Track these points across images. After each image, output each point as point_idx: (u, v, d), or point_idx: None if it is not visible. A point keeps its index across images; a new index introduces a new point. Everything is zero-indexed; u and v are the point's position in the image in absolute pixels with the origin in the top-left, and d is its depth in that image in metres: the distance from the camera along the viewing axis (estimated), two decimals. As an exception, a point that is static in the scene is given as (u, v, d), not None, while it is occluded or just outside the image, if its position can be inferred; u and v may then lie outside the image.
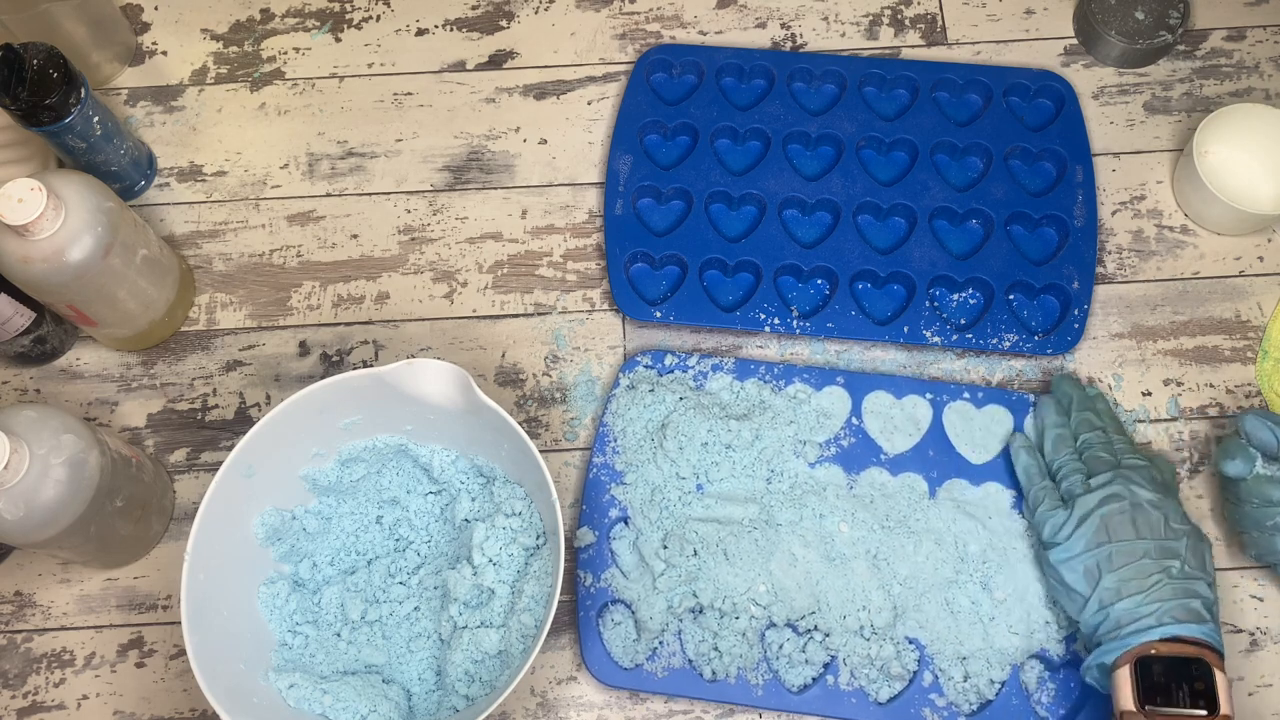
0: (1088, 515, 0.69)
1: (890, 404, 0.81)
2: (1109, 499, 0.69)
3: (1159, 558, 0.67)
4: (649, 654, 0.74)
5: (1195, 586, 0.66)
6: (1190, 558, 0.67)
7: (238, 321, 0.85)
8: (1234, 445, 0.73)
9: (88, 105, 0.78)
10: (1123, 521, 0.68)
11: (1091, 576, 0.68)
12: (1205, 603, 0.66)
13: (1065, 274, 0.84)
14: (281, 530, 0.74)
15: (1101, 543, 0.68)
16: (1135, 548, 0.67)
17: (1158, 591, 0.66)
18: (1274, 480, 0.72)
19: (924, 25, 0.94)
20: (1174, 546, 0.67)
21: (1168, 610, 0.65)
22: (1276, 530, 0.71)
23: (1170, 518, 0.69)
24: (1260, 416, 0.73)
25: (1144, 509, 0.69)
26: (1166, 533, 0.68)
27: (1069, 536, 0.69)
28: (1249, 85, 0.92)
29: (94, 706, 0.76)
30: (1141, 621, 0.65)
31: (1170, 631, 0.64)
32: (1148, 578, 0.66)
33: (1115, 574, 0.67)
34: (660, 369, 0.82)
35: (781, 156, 0.88)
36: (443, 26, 0.95)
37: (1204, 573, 0.67)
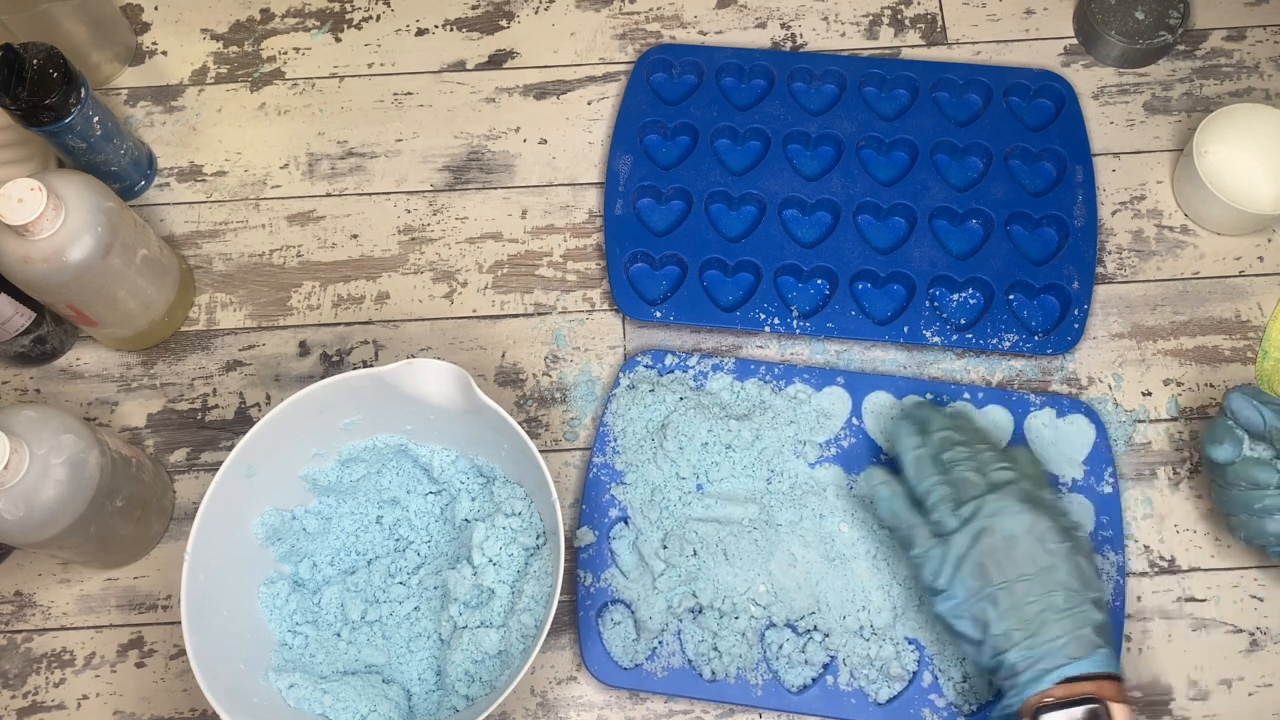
0: (963, 558, 0.66)
1: (890, 404, 0.81)
2: (980, 535, 0.66)
3: (1042, 594, 0.64)
4: (649, 654, 0.74)
5: (1083, 614, 0.64)
6: (1072, 580, 0.64)
7: (238, 321, 0.85)
8: (1220, 428, 0.71)
9: (88, 105, 0.78)
10: (998, 561, 0.65)
11: (979, 623, 0.65)
12: (1096, 627, 0.64)
13: (1065, 274, 0.84)
14: (281, 530, 0.74)
15: (983, 587, 0.65)
16: (1016, 590, 0.64)
17: (1047, 631, 0.63)
18: (1261, 462, 0.70)
19: (924, 25, 0.94)
20: (1055, 576, 0.64)
21: (1059, 650, 0.63)
22: (1265, 513, 0.69)
23: (1045, 540, 0.65)
24: (1245, 395, 0.70)
25: (1017, 540, 0.65)
26: (1044, 558, 0.65)
27: (949, 584, 0.66)
28: (1249, 85, 0.92)
29: (94, 706, 0.76)
30: (1035, 668, 0.63)
31: (1064, 674, 0.62)
32: (1035, 620, 0.63)
33: (1003, 620, 0.64)
34: (660, 369, 0.82)
35: (781, 156, 0.88)
36: (443, 26, 0.95)
37: (1089, 589, 0.65)
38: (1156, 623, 0.77)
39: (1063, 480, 0.78)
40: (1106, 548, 0.77)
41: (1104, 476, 0.78)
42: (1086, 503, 0.78)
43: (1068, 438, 0.80)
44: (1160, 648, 0.76)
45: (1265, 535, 0.70)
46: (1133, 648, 0.76)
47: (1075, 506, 0.78)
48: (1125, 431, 0.81)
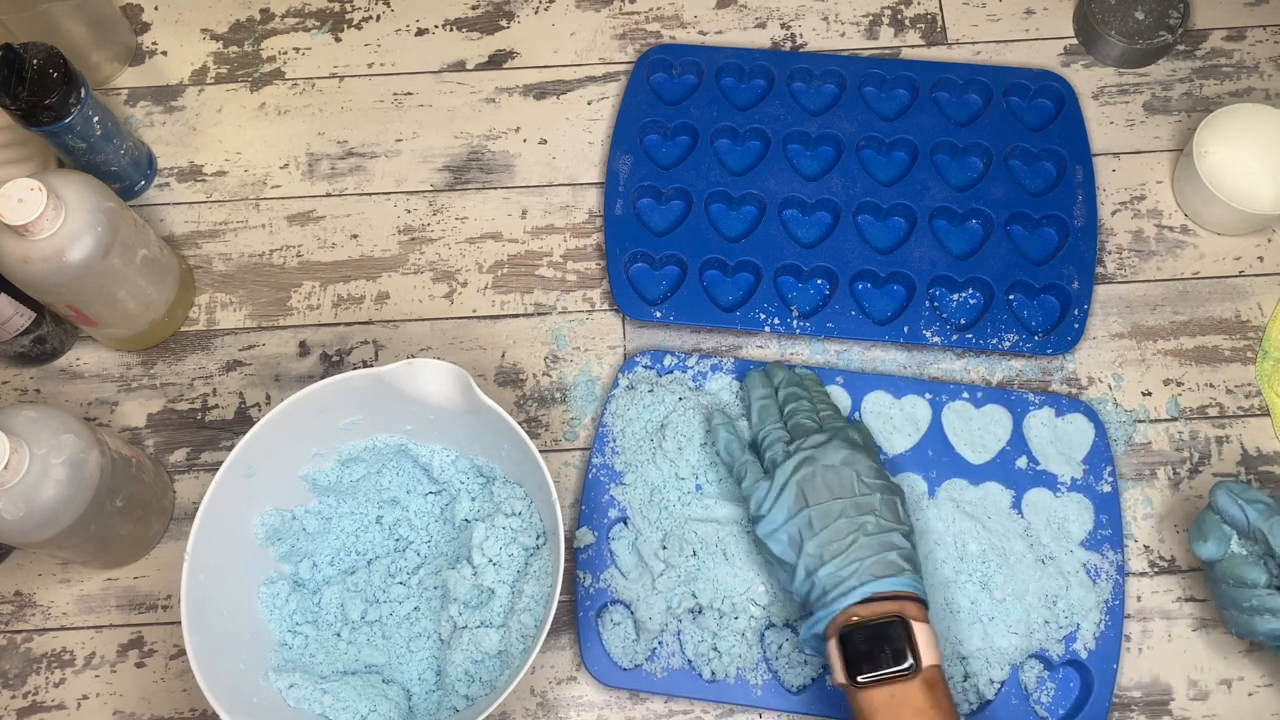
0: (785, 484, 0.69)
1: (889, 404, 0.81)
2: (803, 464, 0.69)
3: (854, 515, 0.67)
4: (648, 654, 0.74)
5: (890, 538, 0.66)
6: (884, 511, 0.67)
7: (238, 321, 0.85)
8: (1207, 523, 0.70)
9: (88, 105, 0.78)
10: (817, 485, 0.68)
11: (795, 545, 0.68)
12: (902, 553, 0.66)
13: (1065, 274, 0.84)
14: (281, 530, 0.74)
15: (801, 509, 0.68)
16: (831, 509, 0.67)
17: (856, 550, 0.65)
18: (1247, 560, 0.68)
19: (924, 25, 0.94)
20: (868, 502, 0.67)
21: (866, 568, 0.65)
22: (1255, 612, 0.68)
23: (862, 474, 0.68)
24: (1230, 492, 0.68)
25: (836, 469, 0.68)
26: (859, 489, 0.68)
27: (771, 508, 0.69)
28: (1249, 85, 0.92)
29: (94, 706, 0.76)
30: (843, 585, 0.65)
31: (870, 590, 0.64)
32: (845, 538, 0.66)
33: (815, 539, 0.67)
34: (659, 369, 0.82)
35: (781, 156, 0.88)
36: (443, 26, 0.95)
37: (899, 523, 0.67)
38: (1156, 623, 0.77)
39: (1062, 480, 0.78)
40: (1106, 547, 0.77)
41: (1103, 475, 0.78)
42: (1086, 501, 0.78)
43: (1067, 437, 0.80)
44: (1160, 648, 0.76)
45: (1256, 634, 0.68)
46: (1133, 648, 0.76)
47: (1074, 505, 0.78)
48: (1125, 431, 0.81)
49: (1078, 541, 0.77)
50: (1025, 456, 0.79)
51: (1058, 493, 0.78)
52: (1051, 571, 0.75)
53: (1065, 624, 0.74)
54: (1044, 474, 0.78)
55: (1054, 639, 0.74)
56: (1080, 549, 0.76)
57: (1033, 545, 0.76)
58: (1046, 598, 0.75)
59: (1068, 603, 0.75)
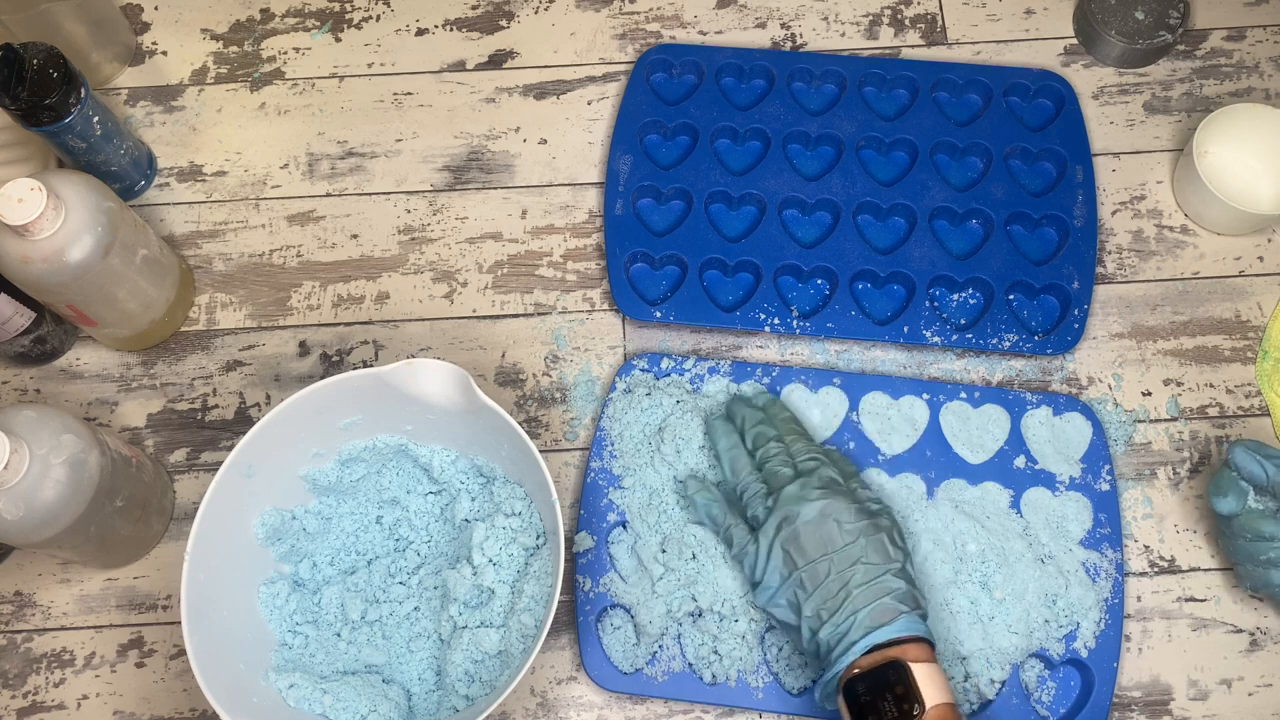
0: (771, 548, 0.68)
1: (887, 405, 0.81)
2: (782, 524, 0.68)
3: (841, 569, 0.66)
4: (649, 658, 0.74)
5: (882, 583, 0.65)
6: (870, 555, 0.66)
7: (238, 321, 0.85)
8: (1225, 479, 0.72)
9: (88, 105, 0.78)
10: (799, 546, 0.67)
11: (795, 607, 0.67)
12: (897, 595, 0.65)
13: (1065, 274, 0.84)
14: (281, 530, 0.74)
15: (791, 571, 0.67)
16: (819, 569, 0.66)
17: (850, 604, 0.65)
18: (1265, 514, 0.70)
19: (924, 25, 0.94)
20: (850, 552, 0.66)
21: (862, 621, 0.64)
22: (1271, 564, 0.70)
23: (841, 521, 0.67)
24: (1249, 449, 0.70)
25: (815, 524, 0.67)
26: (842, 538, 0.67)
27: (764, 574, 0.68)
28: (1249, 85, 0.92)
29: (94, 706, 0.76)
30: (844, 641, 0.64)
31: (869, 642, 0.64)
32: (837, 595, 0.65)
33: (810, 600, 0.66)
34: (657, 372, 0.82)
35: (781, 156, 0.88)
36: (443, 26, 0.95)
37: (888, 562, 0.66)
38: (1156, 623, 0.77)
39: (1060, 479, 0.78)
40: (1105, 545, 0.77)
41: (1101, 474, 0.78)
42: (1084, 500, 0.78)
43: (1065, 436, 0.80)
44: (1160, 648, 0.76)
45: (1271, 585, 0.71)
46: (1133, 648, 0.76)
47: (1073, 504, 0.78)
48: (1125, 431, 0.81)
49: (1077, 540, 0.77)
50: (1023, 456, 0.79)
51: (1056, 492, 0.78)
52: (1051, 571, 0.75)
53: (1065, 623, 0.74)
54: (1042, 473, 0.78)
55: (1054, 638, 0.74)
56: (1079, 548, 0.76)
57: (1032, 544, 0.76)
58: (1046, 597, 0.75)
59: (1067, 602, 0.75)
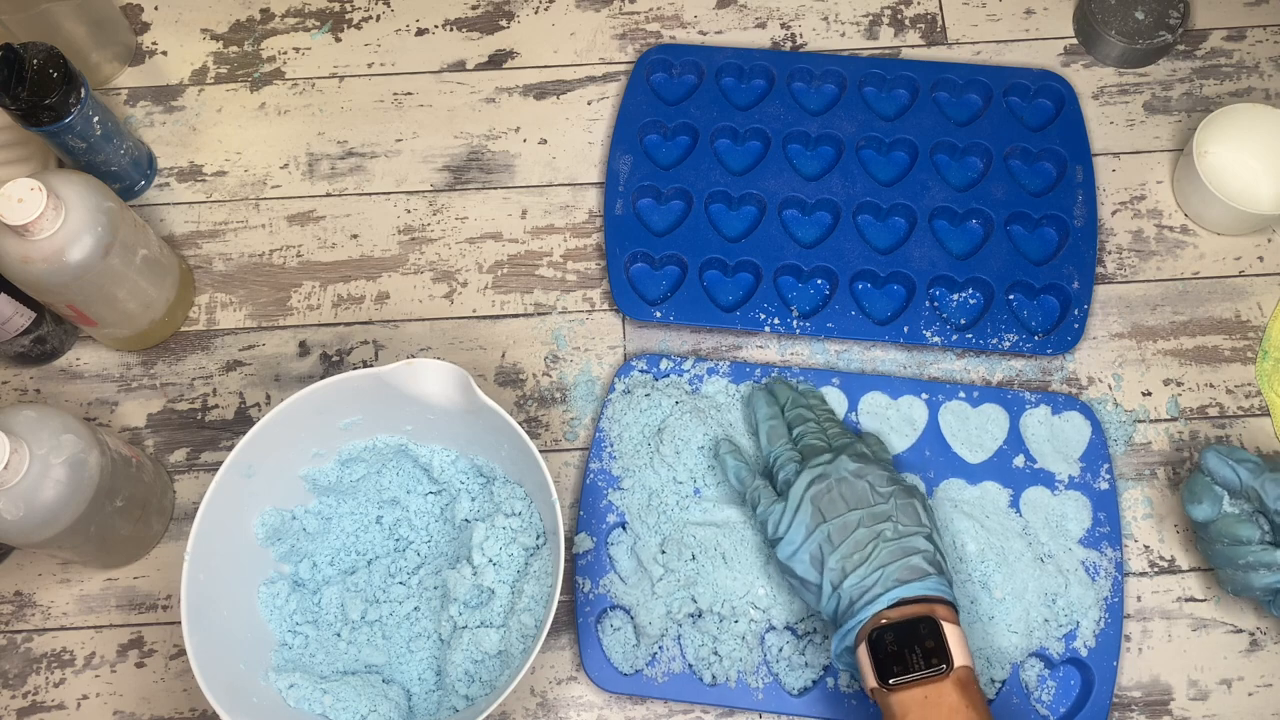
0: (800, 503, 0.69)
1: (886, 404, 0.81)
2: (815, 480, 0.69)
3: (871, 524, 0.67)
4: (649, 659, 0.74)
5: (912, 543, 0.66)
6: (901, 517, 0.67)
7: (238, 321, 0.85)
8: (1199, 485, 0.72)
9: (88, 105, 0.78)
10: (831, 499, 0.68)
11: (817, 562, 0.67)
12: (926, 556, 0.66)
13: (1065, 274, 0.84)
14: (281, 530, 0.74)
15: (818, 524, 0.67)
16: (848, 520, 0.67)
17: (877, 558, 0.65)
18: (1240, 519, 0.70)
19: (924, 25, 0.94)
20: (883, 509, 0.67)
21: (890, 574, 0.64)
22: (1250, 568, 0.70)
23: (875, 483, 0.68)
24: (1220, 454, 0.71)
25: (848, 481, 0.68)
26: (874, 498, 0.68)
27: (788, 528, 0.69)
28: (1249, 85, 0.92)
29: (94, 706, 0.76)
30: (869, 593, 0.64)
31: (896, 595, 0.64)
32: (865, 547, 0.66)
33: (836, 553, 0.66)
34: (655, 373, 0.82)
35: (781, 156, 0.88)
36: (443, 26, 0.95)
37: (919, 526, 0.67)
38: (1156, 623, 0.77)
39: (1059, 478, 0.78)
40: (1104, 544, 0.77)
41: (1100, 473, 0.78)
42: (1083, 499, 0.78)
43: (1064, 435, 0.80)
44: (1160, 648, 0.76)
45: (1252, 589, 0.70)
46: (1133, 648, 0.76)
47: (1072, 503, 0.78)
48: (1125, 431, 0.81)
49: (1076, 539, 0.77)
50: (1022, 455, 0.79)
51: (1055, 491, 0.78)
52: (1050, 570, 0.75)
53: (1065, 622, 0.74)
54: (1041, 472, 0.79)
55: (1054, 637, 0.74)
56: (1079, 546, 0.76)
57: (1031, 544, 0.76)
58: (1046, 596, 0.75)
59: (1067, 601, 0.75)
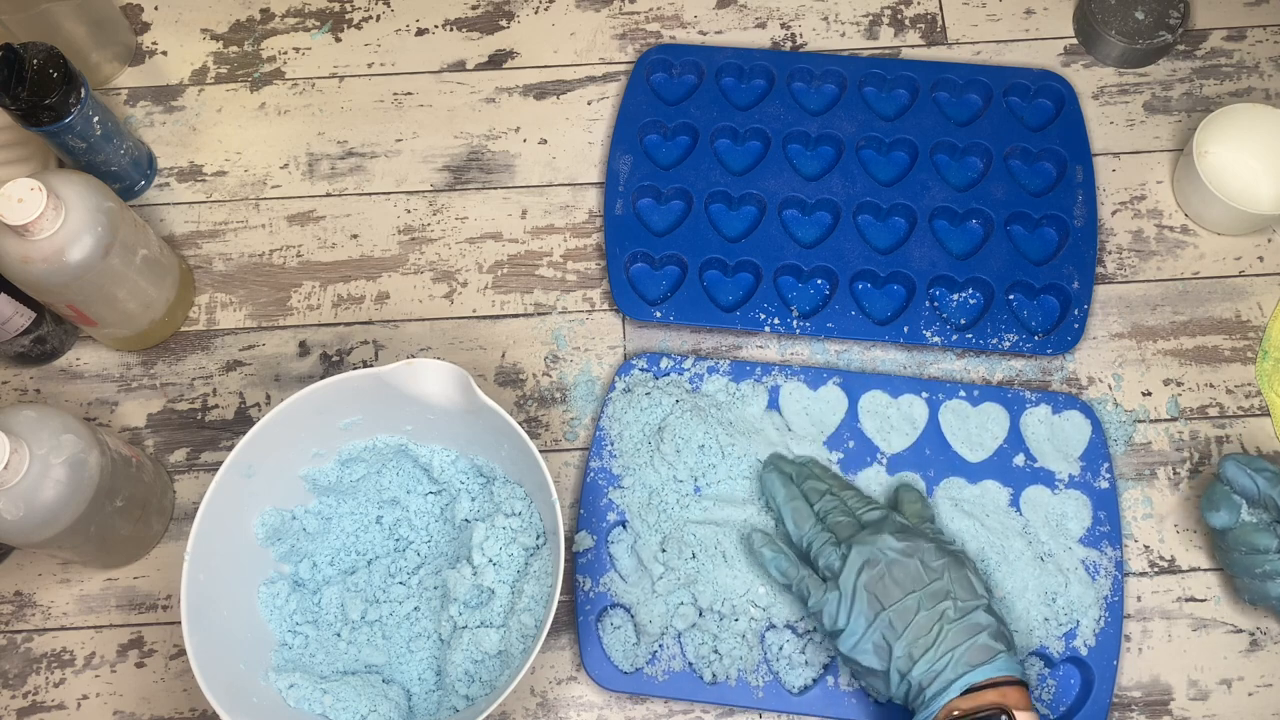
0: (854, 592, 0.67)
1: (886, 403, 0.81)
2: (864, 567, 0.67)
3: (931, 606, 0.65)
4: (649, 658, 0.74)
5: (975, 619, 0.65)
6: (959, 591, 0.66)
7: (238, 321, 0.85)
8: (1218, 493, 0.72)
9: (88, 105, 0.78)
10: (885, 585, 0.66)
11: (883, 652, 0.66)
12: (991, 632, 0.64)
13: (1065, 274, 0.84)
14: (281, 530, 0.74)
15: (878, 613, 0.66)
16: (908, 604, 0.65)
17: (944, 642, 0.64)
18: (1259, 527, 0.70)
19: (924, 25, 0.94)
20: (940, 586, 0.66)
21: (959, 659, 0.63)
22: (1267, 577, 0.70)
23: (926, 559, 0.67)
24: (1239, 463, 0.71)
25: (899, 563, 0.67)
26: (928, 576, 0.66)
27: (847, 621, 0.67)
28: (1249, 85, 0.92)
29: (94, 706, 0.76)
30: (939, 680, 0.63)
31: (967, 681, 0.63)
32: (929, 632, 0.64)
33: (901, 640, 0.65)
34: (656, 372, 0.82)
35: (781, 156, 0.88)
36: (443, 26, 0.95)
37: (977, 598, 0.66)
38: (1156, 623, 0.77)
39: (1059, 477, 0.78)
40: (1104, 543, 0.77)
41: (1100, 472, 0.78)
42: (1083, 498, 0.78)
43: (1064, 434, 0.80)
44: (1160, 648, 0.76)
45: (1269, 598, 0.71)
46: (1133, 648, 0.76)
47: (1072, 502, 0.78)
48: (1125, 432, 0.81)
49: (1076, 538, 0.77)
50: (1023, 454, 0.79)
51: (1055, 490, 0.78)
52: (1050, 569, 0.75)
53: (1065, 621, 0.74)
54: (1041, 471, 0.79)
55: (1054, 636, 0.74)
56: (1079, 545, 0.76)
57: (1031, 543, 0.76)
58: (1046, 595, 0.75)
59: (1067, 600, 0.75)
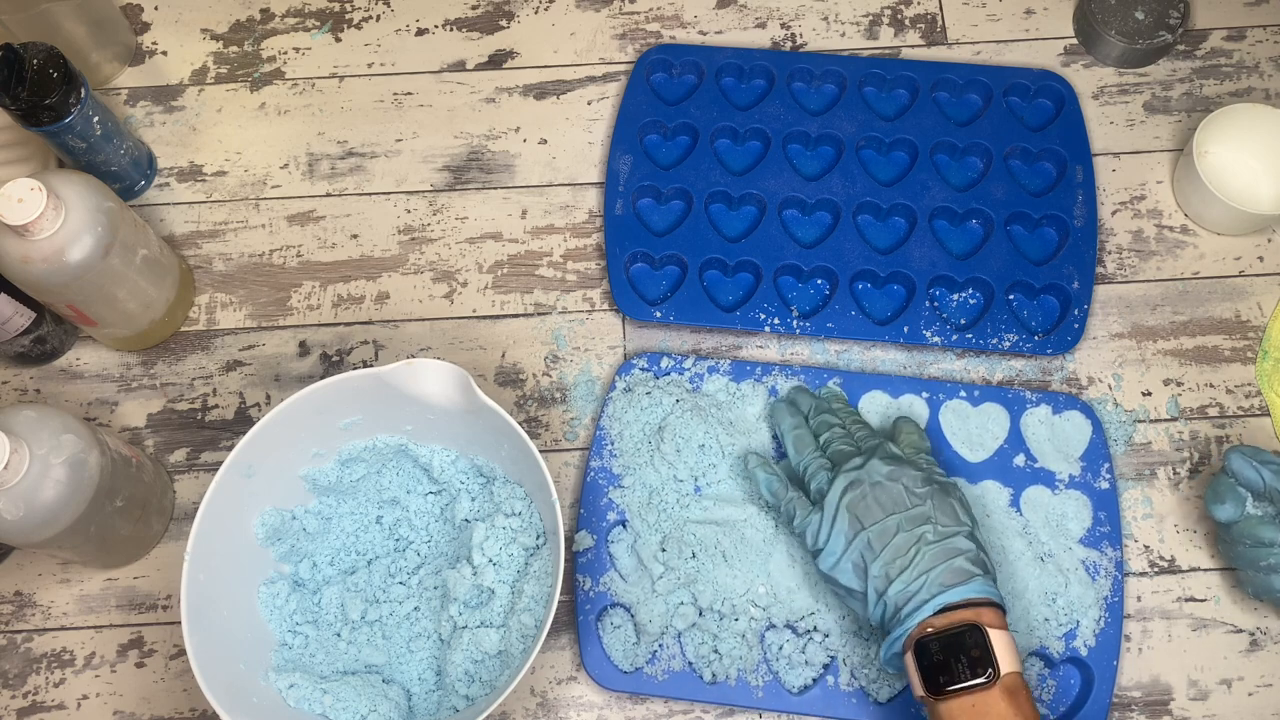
0: (836, 512, 0.68)
1: (886, 404, 0.81)
2: (849, 487, 0.68)
3: (911, 528, 0.66)
4: (649, 657, 0.74)
5: (954, 543, 0.65)
6: (941, 517, 0.66)
7: (238, 321, 0.85)
8: (1223, 486, 0.72)
9: (88, 105, 0.78)
10: (867, 505, 0.67)
11: (860, 571, 0.67)
12: (969, 556, 0.65)
13: (1065, 274, 0.84)
14: (281, 530, 0.74)
15: (857, 532, 0.67)
16: (887, 525, 0.66)
17: (920, 563, 0.65)
18: (1264, 520, 0.70)
19: (924, 25, 0.94)
20: (921, 511, 0.66)
21: (935, 579, 0.64)
22: (1272, 570, 0.70)
23: (910, 485, 0.68)
24: (1245, 455, 0.71)
25: (882, 485, 0.68)
26: (910, 500, 0.67)
27: (828, 539, 0.68)
28: (1249, 85, 0.92)
29: (94, 706, 0.76)
30: (915, 599, 0.64)
31: (941, 602, 0.63)
32: (907, 552, 0.65)
33: (878, 560, 0.66)
34: (656, 371, 0.82)
35: (781, 156, 0.88)
36: (443, 26, 0.95)
37: (959, 525, 0.66)
38: (1156, 623, 0.77)
39: (1060, 477, 0.78)
40: (1104, 544, 0.77)
41: (1101, 472, 0.78)
42: (1083, 498, 0.78)
43: (1064, 434, 0.80)
44: (1160, 648, 0.76)
45: (1273, 591, 0.71)
46: (1133, 648, 0.76)
47: (1072, 502, 0.78)
48: (1125, 432, 0.81)
49: (1076, 539, 0.77)
50: (1023, 454, 0.79)
51: (1056, 490, 0.78)
52: (1050, 569, 0.75)
53: (1065, 621, 0.74)
54: (1042, 471, 0.79)
55: (1054, 636, 0.74)
56: (1079, 546, 0.76)
57: (1031, 543, 0.76)
58: (1046, 595, 0.75)
59: (1067, 600, 0.75)
